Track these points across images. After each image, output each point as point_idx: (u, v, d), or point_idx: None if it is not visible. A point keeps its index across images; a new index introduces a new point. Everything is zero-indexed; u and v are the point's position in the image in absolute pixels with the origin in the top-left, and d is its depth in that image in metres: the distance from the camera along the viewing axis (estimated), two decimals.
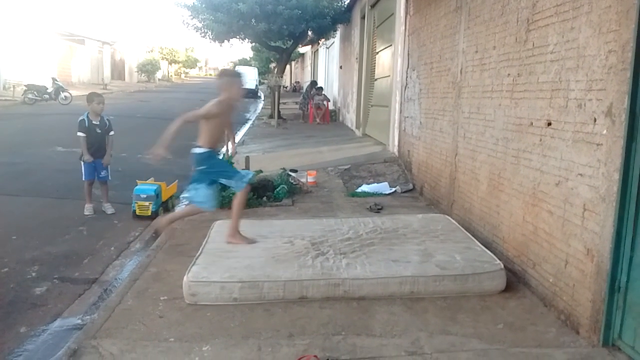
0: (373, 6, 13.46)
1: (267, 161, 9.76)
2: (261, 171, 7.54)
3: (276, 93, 19.00)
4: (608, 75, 3.14)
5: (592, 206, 3.28)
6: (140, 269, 4.53)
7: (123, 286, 4.19)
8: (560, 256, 3.65)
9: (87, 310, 4.10)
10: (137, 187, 6.59)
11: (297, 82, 47.58)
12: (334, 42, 22.54)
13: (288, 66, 40.40)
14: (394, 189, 7.84)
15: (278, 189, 7.17)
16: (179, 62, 68.82)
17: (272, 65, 37.40)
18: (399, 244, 4.62)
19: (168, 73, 65.47)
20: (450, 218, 5.55)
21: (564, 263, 3.59)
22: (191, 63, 74.22)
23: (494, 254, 4.36)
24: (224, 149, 7.78)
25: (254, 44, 25.51)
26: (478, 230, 5.19)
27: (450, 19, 6.35)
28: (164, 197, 6.82)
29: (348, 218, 5.81)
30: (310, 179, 8.11)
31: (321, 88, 20.44)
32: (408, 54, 8.60)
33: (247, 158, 7.30)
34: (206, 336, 3.35)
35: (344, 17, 18.02)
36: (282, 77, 21.98)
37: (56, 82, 23.92)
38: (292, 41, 20.05)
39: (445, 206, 6.35)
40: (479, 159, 5.26)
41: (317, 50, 31.86)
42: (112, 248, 5.54)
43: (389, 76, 10.60)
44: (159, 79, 56.40)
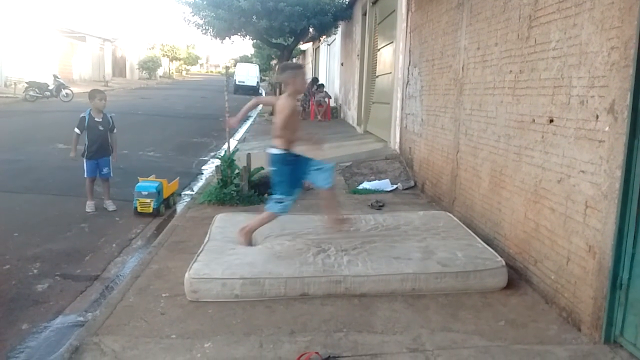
0: (374, 3, 13.44)
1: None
2: (262, 168, 7.53)
3: (277, 90, 18.96)
4: (610, 72, 3.14)
5: (594, 203, 3.28)
6: (141, 266, 4.53)
7: (125, 283, 4.20)
8: (562, 253, 3.65)
9: (89, 307, 4.11)
10: (139, 184, 6.59)
11: None
12: (335, 39, 22.50)
13: None
14: (396, 186, 7.83)
15: None
16: (180, 59, 68.83)
17: (273, 62, 37.41)
18: (401, 241, 4.62)
19: (169, 70, 65.49)
20: (451, 215, 5.54)
21: (566, 260, 3.59)
22: (192, 60, 74.24)
23: (496, 251, 4.36)
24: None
25: (255, 41, 25.49)
26: (479, 227, 5.19)
27: (451, 16, 6.33)
28: (166, 194, 6.82)
29: (349, 215, 5.80)
30: None
31: (322, 85, 20.42)
32: (409, 51, 8.58)
33: (249, 155, 7.28)
34: (208, 333, 3.35)
35: (346, 14, 17.99)
36: None
37: (57, 79, 23.91)
38: (293, 38, 20.03)
39: (446, 203, 6.35)
40: (481, 156, 5.26)
41: (319, 47, 31.81)
42: (114, 245, 5.54)
43: (391, 73, 10.59)
44: (160, 76, 56.40)
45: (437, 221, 5.21)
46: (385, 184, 7.88)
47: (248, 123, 18.35)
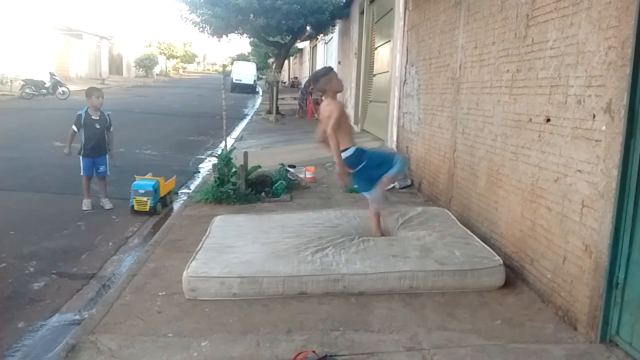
0: (372, 1, 13.43)
1: (266, 157, 9.75)
2: (259, 167, 7.53)
3: (274, 88, 18.97)
4: (607, 71, 3.14)
5: (591, 202, 3.29)
6: (138, 265, 4.52)
7: (121, 281, 4.19)
8: (558, 252, 3.66)
9: (86, 305, 4.10)
10: (135, 183, 6.58)
11: (296, 78, 47.55)
12: (333, 38, 22.51)
13: (286, 61, 40.35)
14: (393, 185, 7.83)
15: (276, 185, 7.17)
16: (177, 57, 68.71)
17: (271, 60, 37.36)
18: (398, 240, 4.63)
19: (166, 68, 65.38)
20: (448, 212, 5.55)
21: (562, 259, 3.60)
22: (189, 58, 74.12)
23: (492, 250, 4.37)
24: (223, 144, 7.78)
25: (252, 39, 25.46)
26: (476, 226, 5.19)
27: (449, 15, 6.33)
28: (162, 193, 6.81)
29: (347, 211, 5.80)
30: (308, 175, 8.10)
31: None
32: (407, 50, 8.58)
33: (246, 153, 7.28)
34: (205, 331, 3.35)
35: (343, 13, 17.98)
36: (281, 73, 21.95)
37: (54, 77, 23.86)
38: (291, 36, 20.02)
39: (443, 202, 6.35)
40: (478, 155, 5.26)
41: (316, 45, 31.83)
42: (111, 243, 5.53)
43: (388, 72, 10.59)
44: (157, 74, 56.33)
45: (435, 219, 5.21)
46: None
47: (245, 122, 18.34)
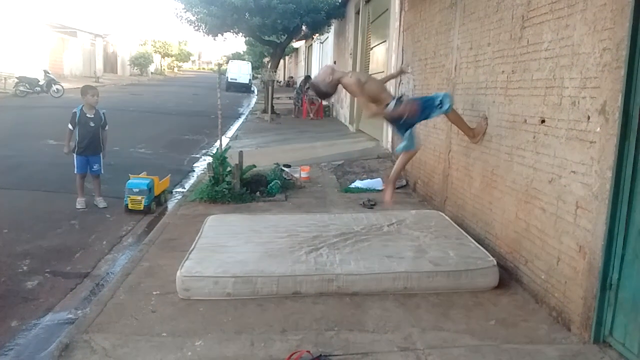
0: (368, 2, 13.44)
1: (261, 156, 9.73)
2: (254, 166, 7.53)
3: (270, 88, 18.95)
4: (602, 73, 3.15)
5: (585, 203, 3.30)
6: (132, 264, 4.51)
7: (115, 280, 4.17)
8: (552, 253, 3.67)
9: (79, 304, 4.09)
10: (130, 181, 6.56)
11: (291, 77, 47.48)
12: (328, 37, 22.48)
13: (282, 61, 40.32)
14: None
15: (271, 184, 7.16)
16: (172, 56, 68.54)
17: (266, 59, 37.30)
18: (393, 240, 4.63)
19: (161, 66, 65.19)
20: (443, 214, 5.56)
21: (556, 260, 3.61)
22: (184, 57, 73.98)
23: (487, 251, 4.38)
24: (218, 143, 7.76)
25: (248, 38, 25.40)
26: (471, 226, 5.20)
27: (445, 15, 6.34)
28: (157, 192, 6.79)
29: (341, 214, 5.81)
30: (303, 175, 8.10)
31: None
32: (402, 50, 8.59)
33: (241, 153, 7.27)
34: (199, 331, 3.34)
35: (339, 12, 17.98)
36: (276, 72, 21.92)
37: (48, 75, 23.74)
38: (286, 36, 19.99)
39: (438, 202, 6.37)
40: (473, 156, 5.27)
41: (311, 45, 31.78)
42: (104, 242, 5.51)
43: (383, 72, 10.59)
44: (152, 73, 56.13)
45: (429, 220, 5.23)
46: (377, 183, 7.89)
47: (240, 121, 18.31)
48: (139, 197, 6.47)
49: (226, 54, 67.86)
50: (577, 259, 3.36)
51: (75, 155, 6.63)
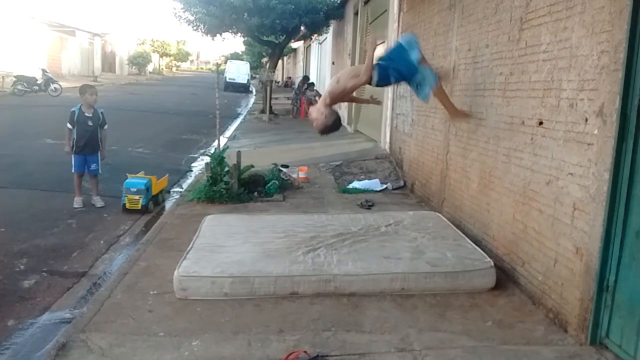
0: (366, 2, 13.44)
1: (259, 156, 9.73)
2: (252, 166, 7.53)
3: (268, 88, 18.94)
4: (600, 75, 3.16)
5: (582, 205, 3.30)
6: (129, 263, 4.50)
7: (112, 280, 4.17)
8: (549, 255, 3.67)
9: (76, 303, 4.08)
10: (128, 181, 6.55)
11: (289, 78, 47.48)
12: (327, 38, 22.48)
13: (280, 61, 40.31)
14: (385, 186, 7.85)
15: (269, 184, 7.16)
16: (171, 55, 68.46)
17: (264, 60, 37.32)
18: (390, 241, 4.63)
19: (159, 66, 65.10)
20: (440, 215, 5.57)
21: (553, 262, 3.62)
22: (183, 56, 73.90)
23: (484, 252, 4.39)
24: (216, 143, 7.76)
25: (246, 39, 25.38)
26: (468, 228, 5.21)
27: (443, 17, 6.35)
28: (155, 191, 6.79)
29: (339, 214, 5.82)
30: (301, 175, 8.10)
31: (313, 84, 20.40)
32: None
33: (239, 153, 7.27)
34: (196, 331, 3.34)
35: (337, 13, 17.99)
36: (274, 72, 21.92)
37: (46, 74, 23.70)
38: (285, 36, 20.00)
39: (435, 204, 6.37)
40: (470, 157, 5.28)
41: (310, 45, 31.79)
42: (102, 242, 5.51)
43: None
44: (150, 72, 56.08)
45: (427, 221, 5.24)
46: (374, 184, 7.89)
47: (238, 121, 18.30)
48: (137, 197, 6.46)
49: (224, 54, 67.88)
50: (574, 261, 3.37)
51: (73, 154, 6.62)
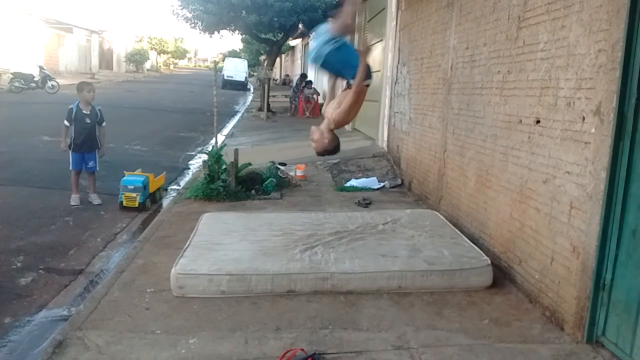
0: (364, 0, 13.42)
1: (256, 154, 9.72)
2: (250, 164, 7.52)
3: (266, 86, 18.91)
4: (597, 74, 3.16)
5: (579, 204, 3.31)
6: (126, 261, 4.50)
7: (109, 278, 4.16)
8: (546, 253, 3.68)
9: (73, 301, 4.08)
10: (125, 178, 6.54)
11: (287, 75, 47.44)
12: None
13: (278, 59, 40.28)
14: (383, 184, 7.85)
15: (267, 182, 7.16)
16: (168, 53, 68.37)
17: (262, 57, 37.27)
18: (388, 239, 4.64)
19: (157, 63, 64.98)
20: (438, 214, 5.57)
21: (550, 260, 3.62)
22: (180, 54, 73.77)
23: (481, 250, 4.39)
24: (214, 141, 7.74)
25: (244, 36, 25.42)
26: (465, 226, 5.22)
27: (441, 15, 6.35)
28: (152, 189, 6.78)
29: (337, 212, 5.82)
30: (299, 173, 8.10)
31: (311, 82, 20.39)
32: (399, 49, 8.60)
33: (236, 151, 7.26)
34: (193, 329, 3.34)
35: (335, 11, 17.96)
36: (272, 70, 21.92)
37: (43, 71, 23.61)
38: (283, 34, 20.00)
39: (433, 202, 6.38)
40: (468, 156, 5.28)
41: (308, 43, 31.75)
42: (99, 239, 5.50)
43: (379, 71, 10.59)
44: (148, 69, 55.94)
45: (424, 219, 5.24)
46: (372, 182, 7.90)
47: (236, 119, 18.28)
48: (134, 194, 6.45)
49: (222, 52, 67.80)
50: (571, 259, 3.37)
51: (70, 151, 6.61)
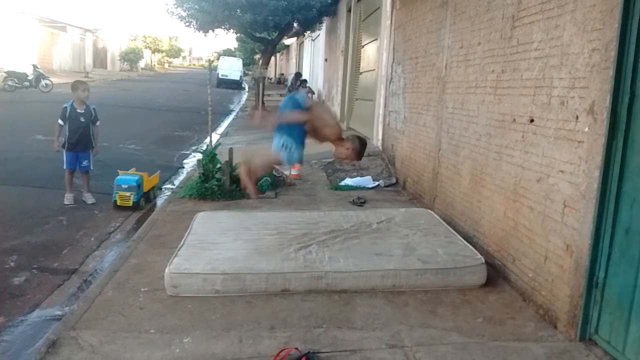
0: (359, 0, 13.43)
1: None
2: None
3: (261, 85, 18.89)
4: (591, 73, 3.18)
5: (572, 203, 3.32)
6: (120, 260, 4.48)
7: (103, 277, 4.15)
8: (539, 251, 3.69)
9: (67, 301, 4.06)
10: (119, 177, 6.53)
11: (282, 74, 47.43)
12: (320, 35, 22.47)
13: (273, 58, 40.21)
14: (377, 183, 7.86)
15: (261, 181, 7.15)
16: (163, 51, 68.11)
17: (257, 56, 37.17)
18: (382, 238, 4.64)
19: (151, 62, 64.76)
20: (432, 212, 5.58)
21: (544, 258, 3.64)
22: (175, 52, 73.51)
23: (475, 249, 4.40)
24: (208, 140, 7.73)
25: (239, 35, 25.34)
26: (459, 225, 5.23)
27: (436, 14, 6.36)
28: (146, 188, 6.76)
29: (331, 211, 5.82)
30: (293, 172, 8.09)
31: (305, 81, 20.38)
32: (393, 48, 8.60)
33: (231, 149, 7.25)
34: (187, 328, 3.33)
35: (330, 10, 17.97)
36: (267, 69, 21.87)
37: (37, 69, 23.52)
38: (278, 33, 19.95)
39: (427, 200, 6.39)
40: (462, 154, 5.29)
41: (303, 42, 31.76)
42: (92, 238, 5.48)
43: (374, 70, 10.60)
44: (142, 68, 55.77)
45: (419, 218, 5.25)
46: (367, 181, 7.90)
47: (230, 118, 18.26)
48: (128, 194, 6.44)
49: (217, 50, 67.67)
50: (564, 258, 3.39)
51: (64, 150, 6.58)
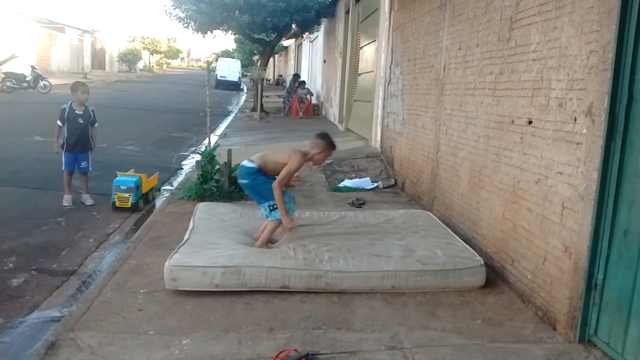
0: (357, 1, 13.45)
1: (249, 154, 9.64)
2: None
3: (259, 86, 18.90)
4: (589, 75, 3.18)
5: (571, 204, 3.33)
6: (119, 262, 4.48)
7: (102, 278, 4.14)
8: (538, 253, 3.70)
9: (65, 302, 4.06)
10: (117, 179, 6.52)
11: (281, 76, 47.43)
12: (318, 36, 22.49)
13: (271, 59, 40.26)
14: (376, 185, 7.87)
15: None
16: (161, 53, 68.17)
17: (256, 57, 37.23)
18: (381, 239, 4.64)
19: (149, 63, 64.77)
20: (431, 214, 5.58)
21: (542, 260, 3.64)
22: (173, 54, 73.58)
23: (474, 250, 4.41)
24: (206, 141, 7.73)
25: (237, 36, 25.34)
26: (458, 226, 5.23)
27: (434, 16, 6.37)
28: (145, 189, 6.76)
29: (330, 212, 5.81)
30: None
31: (304, 82, 20.39)
32: (392, 50, 8.61)
33: (229, 151, 7.25)
34: (186, 329, 3.33)
35: (329, 11, 17.99)
36: (265, 70, 21.89)
37: (35, 70, 23.46)
38: (276, 34, 19.98)
39: (426, 202, 6.39)
40: (460, 156, 5.30)
41: (301, 43, 31.78)
42: (91, 240, 5.48)
43: (373, 71, 10.62)
44: (140, 69, 55.76)
45: (417, 220, 5.25)
46: (365, 182, 7.91)
47: (229, 119, 18.26)
48: (127, 195, 6.43)
49: (215, 52, 67.67)
50: (563, 259, 3.39)
51: (63, 152, 6.58)
